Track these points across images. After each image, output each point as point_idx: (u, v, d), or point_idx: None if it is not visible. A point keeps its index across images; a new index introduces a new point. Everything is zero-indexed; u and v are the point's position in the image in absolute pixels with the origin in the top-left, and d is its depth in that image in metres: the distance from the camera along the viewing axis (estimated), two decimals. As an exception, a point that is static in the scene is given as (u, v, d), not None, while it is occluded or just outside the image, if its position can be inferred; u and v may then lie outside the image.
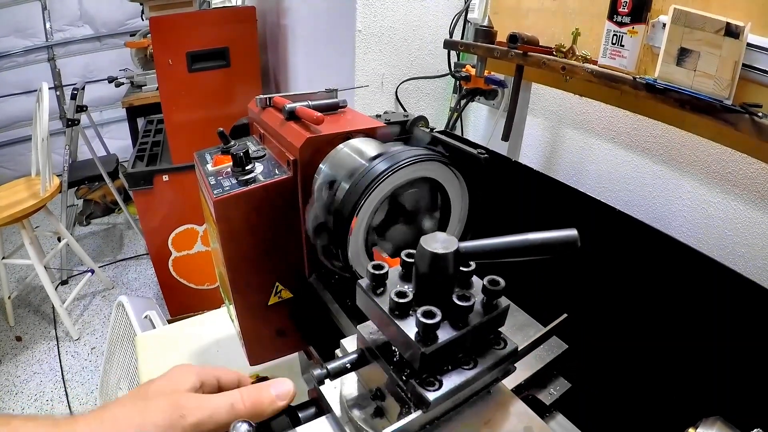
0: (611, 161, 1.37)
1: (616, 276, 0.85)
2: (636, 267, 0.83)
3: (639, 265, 0.83)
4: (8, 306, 3.38)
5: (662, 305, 0.79)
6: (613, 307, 0.86)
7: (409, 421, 0.48)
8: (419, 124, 0.98)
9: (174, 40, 2.41)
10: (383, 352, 0.52)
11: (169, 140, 2.68)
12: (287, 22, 2.48)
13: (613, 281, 0.86)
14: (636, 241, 0.83)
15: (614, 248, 0.86)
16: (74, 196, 4.85)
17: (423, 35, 1.78)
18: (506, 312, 0.51)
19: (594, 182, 1.42)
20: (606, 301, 0.86)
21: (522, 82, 1.30)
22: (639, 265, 0.83)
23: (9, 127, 5.40)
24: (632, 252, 0.84)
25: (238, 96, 2.50)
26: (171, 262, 2.87)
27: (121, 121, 5.02)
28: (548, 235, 0.45)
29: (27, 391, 2.91)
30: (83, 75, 5.31)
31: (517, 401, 0.56)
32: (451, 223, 0.85)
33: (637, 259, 0.83)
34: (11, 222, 2.95)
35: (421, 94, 1.89)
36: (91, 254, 3.78)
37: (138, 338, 1.47)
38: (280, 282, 0.95)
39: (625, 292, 0.84)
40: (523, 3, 1.36)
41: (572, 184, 0.92)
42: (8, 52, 5.17)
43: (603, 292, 0.87)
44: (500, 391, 0.57)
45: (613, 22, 1.05)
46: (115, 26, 5.46)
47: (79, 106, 3.82)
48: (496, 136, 1.46)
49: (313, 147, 0.83)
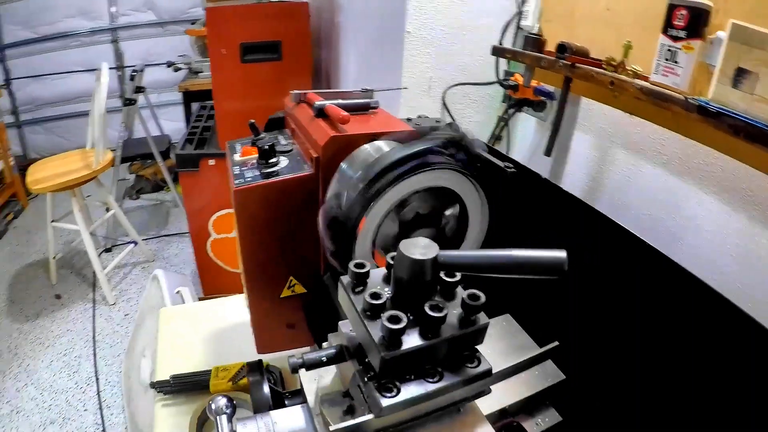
0: (659, 187, 1.29)
1: (641, 316, 0.79)
2: (665, 311, 0.76)
3: (669, 310, 0.76)
4: (52, 265, 3.57)
5: (695, 357, 0.72)
6: (633, 348, 0.79)
7: (358, 423, 0.46)
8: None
9: (228, 30, 2.44)
10: (358, 351, 0.50)
11: (218, 127, 2.73)
12: (340, 20, 2.48)
13: (637, 321, 0.79)
14: (669, 284, 0.76)
15: (643, 286, 0.79)
16: (127, 171, 5.01)
17: (474, 40, 1.74)
18: (484, 329, 0.48)
19: (638, 208, 1.35)
20: (627, 342, 0.80)
21: (570, 95, 1.26)
22: (669, 310, 0.76)
23: (71, 101, 5.67)
24: (663, 293, 0.77)
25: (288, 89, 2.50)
26: (209, 243, 2.91)
27: (177, 105, 5.16)
28: (534, 254, 0.42)
29: (58, 345, 3.06)
30: (144, 58, 5.47)
31: (485, 425, 0.54)
32: (468, 235, 0.83)
33: (667, 301, 0.76)
34: (63, 188, 3.09)
35: (468, 101, 1.85)
36: (136, 227, 3.88)
37: (162, 311, 1.51)
38: (294, 276, 0.94)
39: (649, 334, 0.77)
40: (576, 11, 1.30)
41: (616, 208, 0.86)
42: (74, 32, 5.43)
43: (625, 331, 0.80)
44: (471, 412, 0.55)
45: (667, 36, 0.98)
46: (177, 14, 5.62)
47: (137, 87, 3.94)
48: (541, 150, 1.41)
49: (337, 146, 0.82)
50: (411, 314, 0.46)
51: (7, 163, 4.58)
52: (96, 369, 2.88)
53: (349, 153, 0.82)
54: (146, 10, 5.57)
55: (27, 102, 5.61)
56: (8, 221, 4.51)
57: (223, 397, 0.47)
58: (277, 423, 0.55)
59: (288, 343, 1.05)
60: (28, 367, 2.89)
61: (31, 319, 3.27)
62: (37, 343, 3.07)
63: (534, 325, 0.77)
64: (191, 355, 1.31)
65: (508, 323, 0.82)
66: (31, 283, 3.66)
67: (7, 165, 4.59)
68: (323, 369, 0.55)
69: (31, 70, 5.47)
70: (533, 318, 0.75)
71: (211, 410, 0.51)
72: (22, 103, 5.59)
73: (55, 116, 5.72)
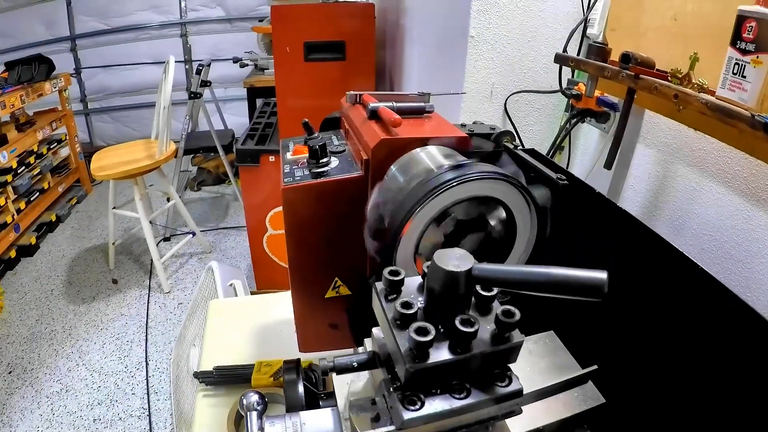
0: (721, 208, 1.23)
1: (694, 348, 0.73)
2: (721, 345, 0.70)
3: (725, 344, 0.70)
4: (111, 251, 3.72)
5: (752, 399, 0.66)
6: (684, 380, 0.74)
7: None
8: (504, 138, 0.93)
9: (293, 28, 2.49)
10: (388, 359, 0.50)
11: (280, 124, 2.78)
12: (405, 22, 2.48)
13: (689, 352, 0.74)
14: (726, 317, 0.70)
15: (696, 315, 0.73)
16: (189, 163, 5.16)
17: (538, 47, 1.71)
18: (518, 348, 0.47)
19: (699, 228, 1.29)
20: (678, 372, 0.75)
21: (633, 107, 1.22)
22: (725, 344, 0.70)
23: (138, 92, 5.93)
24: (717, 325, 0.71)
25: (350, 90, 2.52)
26: (266, 239, 2.97)
27: (241, 100, 5.27)
28: (572, 273, 0.40)
29: (112, 329, 3.18)
30: (211, 53, 5.67)
31: (513, 446, 0.52)
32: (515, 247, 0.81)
33: (723, 335, 0.70)
34: (126, 177, 3.20)
35: (530, 109, 1.81)
36: (195, 218, 4.00)
37: (212, 303, 1.53)
38: (339, 278, 0.94)
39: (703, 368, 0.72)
40: (642, 21, 1.26)
41: (676, 227, 0.82)
42: (144, 25, 5.66)
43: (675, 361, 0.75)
44: (500, 431, 0.53)
45: (735, 48, 0.92)
46: (245, 10, 5.77)
47: (203, 81, 4.06)
48: (602, 162, 1.37)
49: (388, 149, 0.81)
50: (442, 327, 0.44)
51: (73, 150, 4.83)
52: (146, 354, 2.97)
53: (400, 156, 0.82)
54: (215, 6, 5.75)
55: (96, 91, 5.90)
56: (72, 206, 4.75)
57: (255, 394, 0.48)
58: (306, 424, 0.55)
59: (331, 343, 1.05)
60: (80, 348, 3.01)
61: (87, 302, 3.41)
62: (92, 326, 3.19)
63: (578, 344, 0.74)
64: (236, 348, 1.33)
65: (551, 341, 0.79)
66: (89, 266, 3.82)
67: (74, 151, 4.85)
68: (356, 373, 0.55)
69: (100, 60, 5.76)
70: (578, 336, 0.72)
71: (243, 405, 0.52)
72: (91, 91, 5.88)
73: (122, 106, 5.98)
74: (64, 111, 4.72)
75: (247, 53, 4.17)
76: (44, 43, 5.48)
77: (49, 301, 3.42)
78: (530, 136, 1.84)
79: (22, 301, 3.43)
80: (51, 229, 4.33)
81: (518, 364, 0.50)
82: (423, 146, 0.82)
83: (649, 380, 0.72)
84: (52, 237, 4.26)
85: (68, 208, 4.66)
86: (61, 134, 4.73)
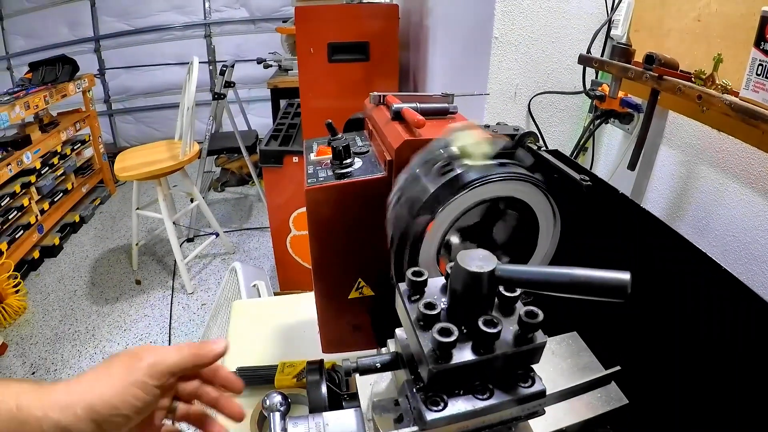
0: (744, 209, 1.22)
1: (718, 350, 0.72)
2: (746, 348, 0.69)
3: (750, 347, 0.69)
4: (134, 252, 3.75)
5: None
6: (707, 382, 0.73)
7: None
8: (527, 139, 0.93)
9: (316, 29, 2.50)
10: (411, 360, 0.50)
11: (303, 124, 2.79)
12: (429, 23, 2.48)
13: (713, 354, 0.73)
14: (749, 318, 0.69)
15: (719, 316, 0.73)
16: (213, 164, 5.21)
17: (562, 48, 1.70)
18: (541, 349, 0.47)
19: (722, 229, 1.28)
20: (701, 374, 0.74)
21: (657, 108, 1.21)
22: (750, 347, 0.69)
23: (162, 93, 6.01)
24: (741, 326, 0.70)
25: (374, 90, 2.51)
26: (289, 239, 2.98)
27: (265, 101, 5.32)
28: (595, 274, 0.41)
29: (135, 330, 3.20)
30: (235, 54, 5.72)
31: (536, 447, 0.52)
32: (538, 248, 0.81)
33: (747, 337, 0.69)
34: (149, 178, 3.23)
35: (554, 110, 1.81)
36: (219, 219, 4.02)
37: (235, 303, 1.54)
38: (362, 278, 0.95)
39: (726, 370, 0.71)
40: (665, 22, 1.25)
41: (699, 228, 0.81)
42: (168, 26, 5.73)
43: (698, 363, 0.74)
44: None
45: (759, 49, 0.91)
46: (268, 11, 5.81)
47: (227, 82, 4.10)
48: (626, 163, 1.37)
49: (411, 149, 0.81)
50: (465, 327, 0.45)
51: (97, 150, 4.90)
52: (170, 355, 2.99)
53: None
54: (239, 7, 5.80)
55: (119, 92, 5.98)
56: (95, 206, 4.81)
57: (278, 394, 0.49)
58: (329, 425, 0.56)
59: (354, 344, 1.06)
60: (104, 349, 3.03)
61: (111, 303, 3.44)
62: (115, 326, 3.22)
63: (601, 345, 0.74)
64: (259, 349, 1.34)
65: (575, 341, 0.79)
66: (113, 267, 3.86)
67: (97, 152, 4.91)
68: (379, 374, 0.56)
69: (124, 61, 5.84)
70: (601, 337, 0.72)
71: (265, 406, 0.53)
72: (114, 92, 5.97)
73: (145, 107, 6.06)
74: (88, 112, 4.79)
75: (270, 54, 4.20)
76: (68, 43, 5.59)
77: (72, 301, 3.47)
78: (554, 137, 1.83)
79: (45, 301, 3.48)
80: (74, 229, 4.40)
81: (541, 365, 0.51)
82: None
83: (672, 381, 0.71)
84: (76, 238, 4.32)
85: (92, 209, 4.73)
86: (85, 135, 4.81)
